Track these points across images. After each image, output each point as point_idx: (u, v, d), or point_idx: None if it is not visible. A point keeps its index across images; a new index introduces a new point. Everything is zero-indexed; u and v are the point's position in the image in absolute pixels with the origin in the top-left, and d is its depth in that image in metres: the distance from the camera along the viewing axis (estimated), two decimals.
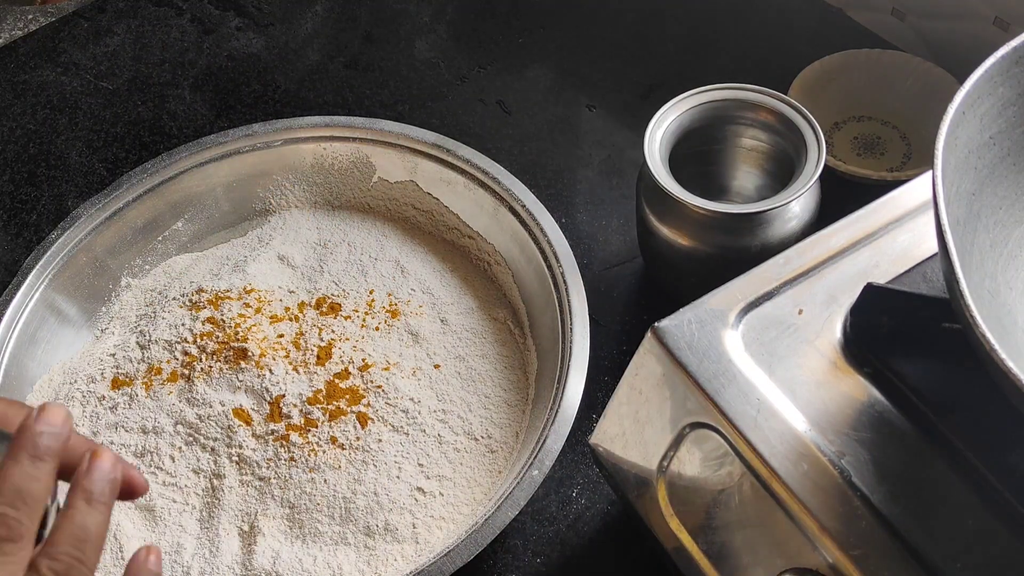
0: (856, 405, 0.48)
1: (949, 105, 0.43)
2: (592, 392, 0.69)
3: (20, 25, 1.00)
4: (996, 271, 0.47)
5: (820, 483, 0.45)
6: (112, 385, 0.68)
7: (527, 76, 0.93)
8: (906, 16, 0.88)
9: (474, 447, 0.64)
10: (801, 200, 0.66)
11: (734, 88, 0.68)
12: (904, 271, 0.52)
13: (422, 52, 0.96)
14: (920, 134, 0.82)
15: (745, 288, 0.52)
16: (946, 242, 0.40)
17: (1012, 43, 0.46)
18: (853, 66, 0.84)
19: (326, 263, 0.74)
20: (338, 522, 0.61)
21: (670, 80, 0.91)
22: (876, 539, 0.43)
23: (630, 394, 0.54)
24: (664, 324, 0.51)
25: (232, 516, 0.62)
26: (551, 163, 0.86)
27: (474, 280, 0.74)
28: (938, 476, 0.45)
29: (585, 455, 0.68)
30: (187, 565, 0.60)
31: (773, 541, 0.47)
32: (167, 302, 0.72)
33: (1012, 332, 0.46)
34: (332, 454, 0.63)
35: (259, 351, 0.67)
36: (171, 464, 0.63)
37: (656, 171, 0.65)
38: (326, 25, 0.99)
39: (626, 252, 0.79)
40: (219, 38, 0.98)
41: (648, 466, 0.54)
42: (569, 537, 0.65)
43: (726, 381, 0.49)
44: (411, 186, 0.76)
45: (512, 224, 0.71)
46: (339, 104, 0.91)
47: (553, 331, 0.65)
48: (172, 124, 0.91)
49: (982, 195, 0.47)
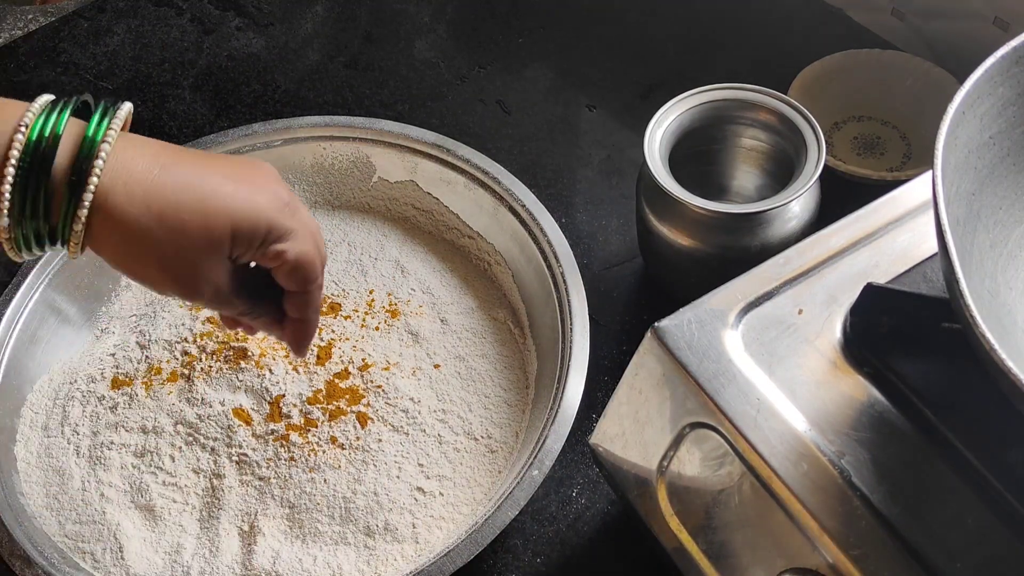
0: (856, 405, 0.48)
1: (949, 105, 0.43)
2: (592, 392, 0.69)
3: (20, 25, 1.00)
4: (996, 271, 0.47)
5: (820, 483, 0.45)
6: (112, 385, 0.68)
7: (527, 76, 0.93)
8: (906, 16, 0.89)
9: (474, 447, 0.64)
10: (801, 200, 0.66)
11: (734, 88, 0.68)
12: (904, 271, 0.52)
13: (422, 52, 0.96)
14: (920, 134, 0.82)
15: (745, 288, 0.52)
16: (946, 242, 0.40)
17: (1012, 43, 0.46)
18: (853, 66, 0.84)
19: (326, 263, 0.74)
20: (338, 522, 0.61)
21: (670, 80, 0.91)
22: (876, 539, 0.43)
23: (630, 394, 0.54)
24: (664, 324, 0.51)
25: (232, 516, 0.62)
26: (551, 163, 0.86)
27: (474, 280, 0.74)
28: (938, 476, 0.45)
29: (585, 455, 0.68)
30: (187, 565, 0.60)
31: (773, 541, 0.47)
32: (167, 302, 0.72)
33: (1012, 332, 0.46)
34: (332, 454, 0.63)
35: (259, 351, 0.67)
36: (171, 464, 0.63)
37: (656, 171, 0.65)
38: (326, 25, 0.99)
39: (626, 252, 0.79)
40: (219, 38, 0.98)
41: (648, 466, 0.54)
42: (569, 537, 0.65)
43: (726, 381, 0.49)
44: (411, 186, 0.76)
45: (512, 224, 0.71)
46: (339, 104, 0.91)
47: (553, 331, 0.65)
48: (172, 124, 0.91)
49: (982, 195, 0.47)
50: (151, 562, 0.60)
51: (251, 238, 0.46)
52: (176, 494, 0.63)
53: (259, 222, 0.46)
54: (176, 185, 0.44)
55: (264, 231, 0.47)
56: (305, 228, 0.49)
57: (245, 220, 0.46)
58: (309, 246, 0.49)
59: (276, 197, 0.47)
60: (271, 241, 0.47)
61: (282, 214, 0.47)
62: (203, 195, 0.45)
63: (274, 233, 0.47)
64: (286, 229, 0.47)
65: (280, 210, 0.47)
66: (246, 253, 0.47)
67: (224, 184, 0.46)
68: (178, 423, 0.65)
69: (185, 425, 0.65)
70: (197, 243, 0.45)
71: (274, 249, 0.48)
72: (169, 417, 0.65)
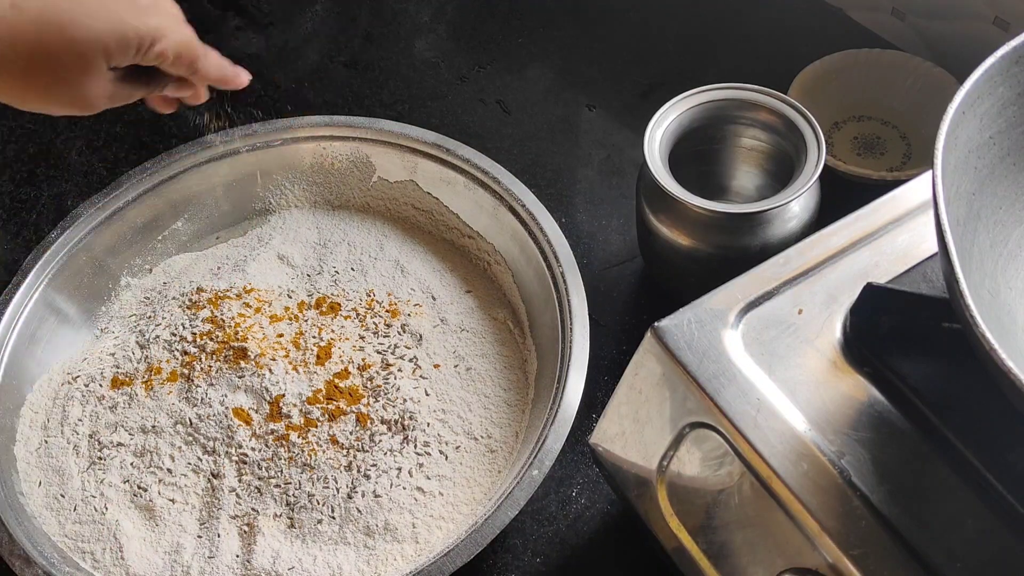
0: (856, 405, 0.48)
1: (949, 105, 0.43)
2: (592, 392, 0.69)
3: None
4: (996, 271, 0.47)
5: (820, 483, 0.45)
6: (112, 385, 0.68)
7: (527, 76, 0.93)
8: (906, 16, 0.88)
9: (474, 447, 0.64)
10: (801, 200, 0.66)
11: (734, 88, 0.68)
12: (904, 271, 0.52)
13: (422, 52, 0.96)
14: (920, 134, 0.82)
15: (745, 288, 0.52)
16: (946, 242, 0.40)
17: (1012, 43, 0.46)
18: (853, 66, 0.84)
19: (326, 263, 0.74)
20: (338, 522, 0.61)
21: (670, 80, 0.91)
22: (876, 539, 0.43)
23: (630, 394, 0.54)
24: (664, 324, 0.51)
25: (232, 516, 0.62)
26: (551, 163, 0.86)
27: (474, 280, 0.74)
28: (938, 476, 0.45)
29: (585, 455, 0.68)
30: (187, 565, 0.60)
31: (773, 541, 0.47)
32: (167, 301, 0.72)
33: (1012, 332, 0.46)
34: (332, 454, 0.63)
35: (259, 351, 0.67)
36: (171, 464, 0.63)
37: (656, 171, 0.65)
38: (326, 25, 0.99)
39: (626, 252, 0.79)
40: (219, 38, 0.98)
41: (648, 466, 0.54)
42: (569, 537, 0.65)
43: (726, 381, 0.49)
44: (411, 186, 0.76)
45: (512, 224, 0.71)
46: (339, 104, 0.91)
47: (553, 331, 0.65)
48: (172, 124, 0.90)
49: (982, 195, 0.47)
50: (151, 562, 0.60)
51: (123, 51, 0.49)
52: (176, 494, 0.63)
53: (126, 35, 0.48)
54: (36, 22, 0.46)
55: (135, 43, 0.49)
56: (170, 18, 0.51)
57: (112, 38, 0.48)
58: (181, 34, 0.52)
59: (133, 4, 0.49)
60: (145, 48, 0.50)
61: (146, 18, 0.49)
62: (63, 23, 0.47)
63: (145, 40, 0.49)
64: (155, 31, 0.50)
65: (142, 16, 0.49)
66: (124, 61, 0.50)
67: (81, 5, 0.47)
68: (178, 423, 0.65)
69: (185, 425, 0.65)
70: (72, 71, 0.48)
71: (152, 53, 0.50)
72: (169, 417, 0.65)
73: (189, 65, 0.53)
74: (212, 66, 0.55)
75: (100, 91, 0.50)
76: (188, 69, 0.53)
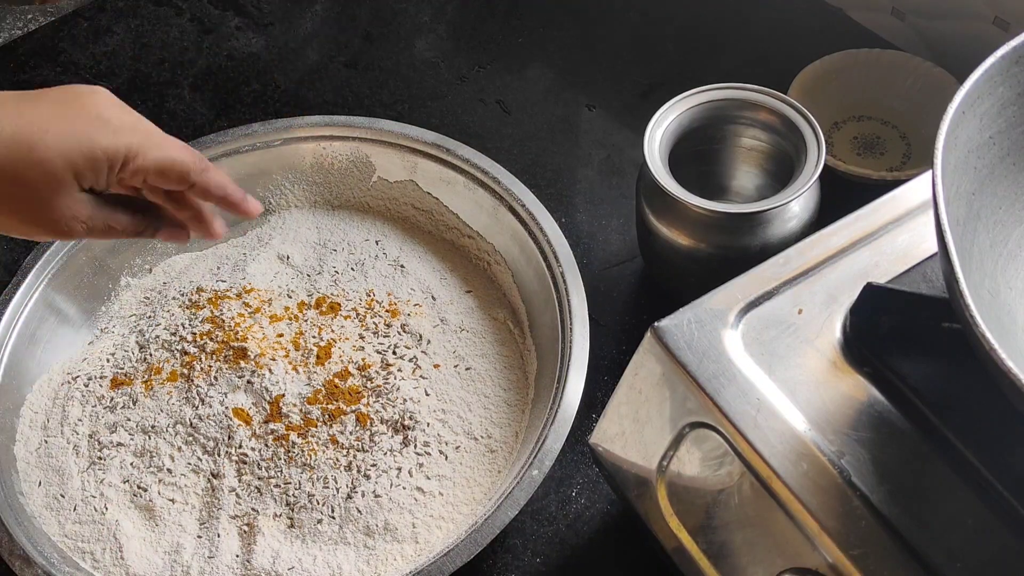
0: (856, 405, 0.48)
1: (949, 105, 0.43)
2: (592, 392, 0.69)
3: (20, 25, 1.00)
4: (996, 271, 0.47)
5: (820, 483, 0.45)
6: (112, 385, 0.68)
7: (527, 76, 0.93)
8: (906, 16, 0.88)
9: (474, 447, 0.64)
10: (801, 200, 0.66)
11: (734, 88, 0.68)
12: (904, 271, 0.52)
13: (422, 52, 0.96)
14: (920, 134, 0.82)
15: (745, 288, 0.52)
16: (946, 242, 0.40)
17: (1012, 43, 0.46)
18: (853, 66, 0.84)
19: (326, 263, 0.74)
20: (338, 522, 0.61)
21: (670, 80, 0.91)
22: (876, 539, 0.43)
23: (630, 394, 0.54)
24: (664, 324, 0.51)
25: (232, 516, 0.62)
26: (551, 163, 0.86)
27: (474, 280, 0.74)
28: (938, 476, 0.45)
29: (585, 455, 0.68)
30: (187, 565, 0.60)
31: (773, 541, 0.47)
32: (167, 302, 0.72)
33: (1012, 332, 0.46)
34: (332, 454, 0.63)
35: (259, 351, 0.67)
36: (171, 464, 0.63)
37: (656, 171, 0.65)
38: (326, 25, 0.99)
39: (626, 252, 0.79)
40: (219, 38, 0.98)
41: (648, 466, 0.54)
42: (569, 537, 0.65)
43: (726, 381, 0.49)
44: (411, 186, 0.76)
45: (512, 224, 0.71)
46: (339, 104, 0.91)
47: (553, 331, 0.65)
48: (172, 124, 0.90)
49: (982, 195, 0.47)
50: (151, 562, 0.60)
51: (94, 169, 0.48)
52: (176, 494, 0.63)
53: (94, 154, 0.47)
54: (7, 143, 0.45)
55: (104, 162, 0.48)
56: (148, 136, 0.50)
57: (80, 157, 0.47)
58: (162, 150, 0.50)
59: (103, 123, 0.48)
60: (118, 166, 0.48)
61: (117, 137, 0.48)
62: (32, 144, 0.46)
63: (117, 158, 0.48)
64: (127, 149, 0.48)
65: (113, 135, 0.48)
66: (100, 182, 0.48)
67: (50, 123, 0.47)
68: (178, 423, 0.65)
69: (185, 425, 0.65)
70: (42, 190, 0.47)
71: (128, 171, 0.49)
72: (169, 417, 0.65)
73: (179, 179, 0.51)
74: (213, 182, 0.54)
75: (74, 212, 0.49)
76: (179, 183, 0.52)
